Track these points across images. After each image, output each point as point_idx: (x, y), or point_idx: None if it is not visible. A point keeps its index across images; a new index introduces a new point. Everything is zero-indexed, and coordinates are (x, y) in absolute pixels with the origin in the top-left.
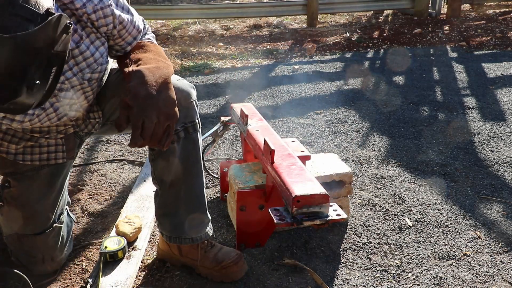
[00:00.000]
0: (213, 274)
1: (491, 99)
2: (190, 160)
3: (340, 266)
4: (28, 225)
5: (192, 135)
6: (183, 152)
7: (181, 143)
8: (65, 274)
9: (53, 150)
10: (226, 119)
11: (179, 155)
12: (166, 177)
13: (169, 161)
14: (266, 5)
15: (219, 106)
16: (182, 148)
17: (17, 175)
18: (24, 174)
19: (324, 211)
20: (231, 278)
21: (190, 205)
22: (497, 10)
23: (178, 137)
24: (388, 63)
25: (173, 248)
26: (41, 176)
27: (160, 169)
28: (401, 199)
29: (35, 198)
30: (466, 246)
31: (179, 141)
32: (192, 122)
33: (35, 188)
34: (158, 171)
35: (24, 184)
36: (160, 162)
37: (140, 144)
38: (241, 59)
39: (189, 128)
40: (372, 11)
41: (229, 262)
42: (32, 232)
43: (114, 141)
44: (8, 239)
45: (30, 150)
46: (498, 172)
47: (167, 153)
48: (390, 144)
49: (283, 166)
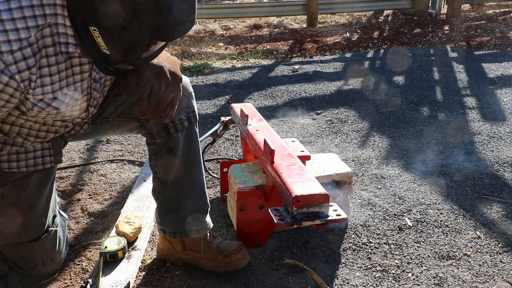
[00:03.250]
0: (216, 264)
1: (491, 99)
2: (192, 151)
3: (340, 266)
4: (23, 234)
5: (193, 125)
6: (186, 142)
7: (184, 133)
8: (65, 274)
9: (39, 155)
10: (226, 119)
11: (182, 146)
12: (170, 170)
13: (172, 151)
14: (266, 5)
15: (219, 106)
16: (185, 138)
17: (5, 186)
18: (13, 184)
19: (324, 211)
20: (235, 266)
21: (194, 195)
22: (497, 10)
23: (182, 126)
24: (388, 63)
25: (176, 244)
26: (30, 183)
27: (164, 162)
28: (401, 199)
29: (26, 207)
30: (466, 246)
31: (182, 130)
32: (193, 112)
33: (25, 196)
34: (162, 165)
35: (14, 194)
36: (163, 154)
37: (145, 110)
38: (241, 59)
39: (192, 118)
40: (372, 11)
41: (232, 250)
42: (28, 240)
43: (114, 141)
44: (4, 248)
45: (15, 157)
46: (498, 172)
47: (170, 144)
48: (390, 144)
49: (283, 166)
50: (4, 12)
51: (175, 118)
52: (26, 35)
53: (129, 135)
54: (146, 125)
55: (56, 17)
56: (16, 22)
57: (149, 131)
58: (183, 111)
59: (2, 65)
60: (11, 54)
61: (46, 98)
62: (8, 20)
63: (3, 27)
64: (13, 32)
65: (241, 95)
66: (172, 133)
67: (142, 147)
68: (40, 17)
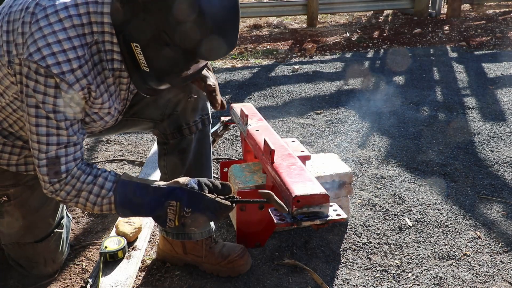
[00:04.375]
0: (219, 269)
1: (491, 99)
2: (203, 153)
3: (340, 266)
4: (29, 234)
5: (206, 128)
6: (197, 145)
7: (197, 135)
8: (65, 274)
9: None
10: (226, 119)
11: (194, 148)
12: (179, 171)
13: (184, 153)
14: (266, 5)
15: None
16: (197, 141)
17: (18, 186)
18: (25, 185)
19: (324, 211)
20: (238, 271)
21: None
22: (497, 10)
23: (197, 128)
24: (388, 63)
25: (177, 247)
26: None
27: (174, 162)
28: (401, 199)
29: (36, 207)
30: (466, 246)
31: (196, 133)
32: (207, 115)
33: (35, 197)
34: (171, 166)
35: (25, 195)
36: (174, 155)
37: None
38: (241, 59)
39: (206, 120)
40: (372, 11)
41: (235, 256)
42: (33, 240)
43: (114, 141)
44: (8, 246)
45: (32, 160)
46: (498, 172)
47: (183, 145)
48: (390, 144)
49: (283, 166)
50: (60, 32)
51: (190, 120)
52: (82, 53)
53: (129, 135)
54: (160, 125)
55: (103, 35)
56: (72, 41)
57: (163, 132)
58: (198, 113)
59: (65, 85)
60: (72, 73)
61: (101, 112)
62: (65, 40)
63: (61, 47)
64: (72, 51)
65: (241, 95)
66: (185, 134)
67: (142, 147)
68: (89, 35)
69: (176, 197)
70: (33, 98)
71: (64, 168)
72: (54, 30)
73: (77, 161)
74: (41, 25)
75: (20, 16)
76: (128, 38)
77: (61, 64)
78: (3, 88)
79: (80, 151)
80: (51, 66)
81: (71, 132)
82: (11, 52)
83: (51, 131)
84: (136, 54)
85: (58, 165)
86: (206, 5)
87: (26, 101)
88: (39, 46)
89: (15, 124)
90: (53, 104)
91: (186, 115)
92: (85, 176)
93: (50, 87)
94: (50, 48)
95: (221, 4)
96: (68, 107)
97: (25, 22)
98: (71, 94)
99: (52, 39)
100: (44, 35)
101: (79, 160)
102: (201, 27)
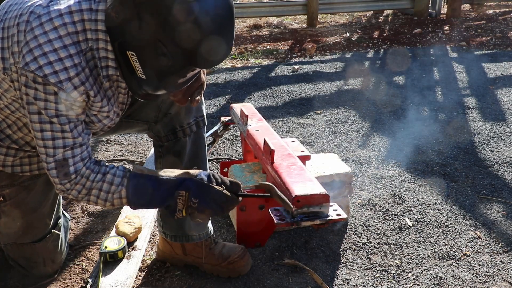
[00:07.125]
0: (219, 270)
1: (491, 99)
2: (198, 156)
3: (340, 266)
4: (27, 234)
5: (201, 130)
6: (192, 147)
7: (192, 137)
8: (65, 274)
9: None
10: (226, 119)
11: (189, 150)
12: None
13: (179, 156)
14: (266, 5)
15: (219, 106)
16: (192, 143)
17: (13, 187)
18: (20, 185)
19: (324, 211)
20: (238, 272)
21: None
22: (497, 10)
23: (191, 130)
24: (388, 63)
25: (176, 248)
26: (37, 185)
27: (169, 165)
28: (401, 199)
29: (32, 208)
30: (466, 246)
31: (190, 135)
32: (201, 117)
33: (32, 197)
34: (167, 168)
35: (21, 195)
36: (169, 158)
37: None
38: (241, 59)
39: (200, 122)
40: (372, 11)
41: (236, 257)
42: (30, 240)
43: (114, 141)
44: (7, 246)
45: (27, 161)
46: (498, 172)
47: (178, 148)
48: (390, 144)
49: (283, 166)
50: (56, 41)
51: (184, 122)
52: (78, 60)
53: (129, 135)
54: (154, 127)
55: (97, 42)
56: (68, 49)
57: (157, 134)
58: (192, 115)
59: (64, 94)
60: (69, 81)
61: (100, 115)
62: (61, 48)
63: (58, 56)
64: (68, 59)
65: (241, 95)
66: (180, 137)
67: (142, 147)
68: (84, 42)
69: (185, 187)
70: (35, 105)
71: (73, 169)
72: (50, 38)
73: (85, 160)
74: (36, 34)
75: (15, 23)
76: (124, 46)
77: (58, 73)
78: (1, 91)
79: (87, 151)
80: (48, 75)
81: (75, 133)
82: (7, 59)
83: (56, 135)
84: (132, 62)
85: (67, 166)
86: (201, 14)
87: (27, 108)
88: (35, 55)
89: (14, 125)
90: (55, 109)
91: (180, 117)
92: (94, 175)
93: (50, 94)
94: (46, 57)
95: (216, 13)
96: (70, 110)
97: (20, 31)
98: (70, 101)
99: (48, 48)
100: (39, 44)
101: (87, 159)
102: (197, 36)
